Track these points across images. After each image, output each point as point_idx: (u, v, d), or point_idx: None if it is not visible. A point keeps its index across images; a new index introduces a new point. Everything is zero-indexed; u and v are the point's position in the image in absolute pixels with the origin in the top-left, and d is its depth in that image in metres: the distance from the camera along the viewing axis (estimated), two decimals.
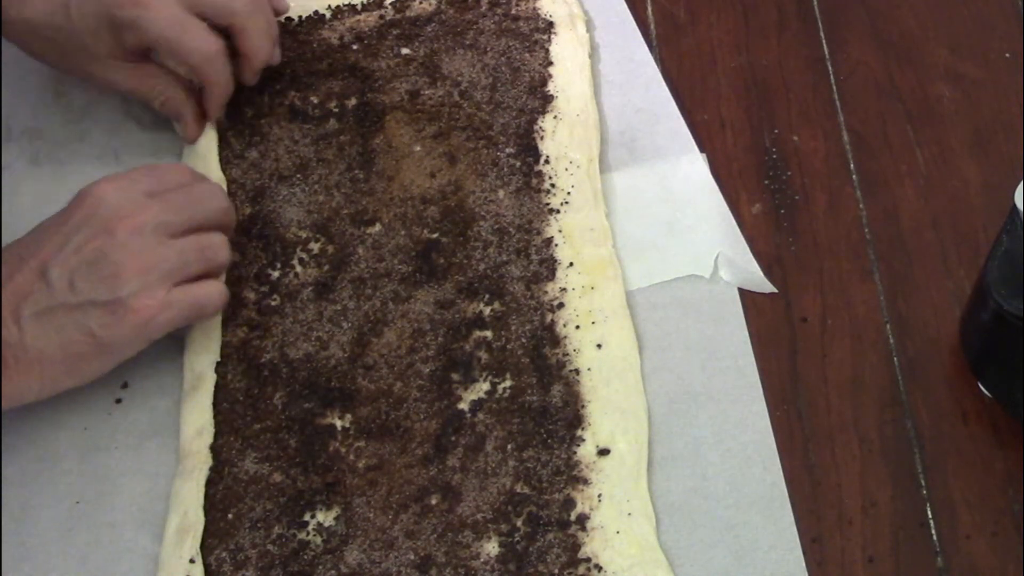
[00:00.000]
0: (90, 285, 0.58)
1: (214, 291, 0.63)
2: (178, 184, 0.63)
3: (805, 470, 0.62)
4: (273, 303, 0.68)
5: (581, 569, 0.58)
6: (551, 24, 0.78)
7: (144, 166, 0.64)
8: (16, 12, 0.67)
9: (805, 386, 0.65)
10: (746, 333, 0.66)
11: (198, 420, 0.64)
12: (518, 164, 0.72)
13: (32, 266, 0.59)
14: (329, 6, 0.79)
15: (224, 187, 0.70)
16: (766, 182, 0.72)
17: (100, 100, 0.77)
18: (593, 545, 0.59)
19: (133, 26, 0.67)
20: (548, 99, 0.74)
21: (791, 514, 0.60)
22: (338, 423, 0.64)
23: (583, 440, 0.62)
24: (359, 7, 0.79)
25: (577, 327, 0.66)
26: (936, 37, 0.78)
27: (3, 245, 0.61)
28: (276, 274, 0.69)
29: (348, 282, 0.68)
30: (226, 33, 0.70)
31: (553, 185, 0.71)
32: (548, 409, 0.63)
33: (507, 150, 0.72)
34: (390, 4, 0.79)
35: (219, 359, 0.65)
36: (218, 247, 0.63)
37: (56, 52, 0.70)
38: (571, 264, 0.68)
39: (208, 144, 0.73)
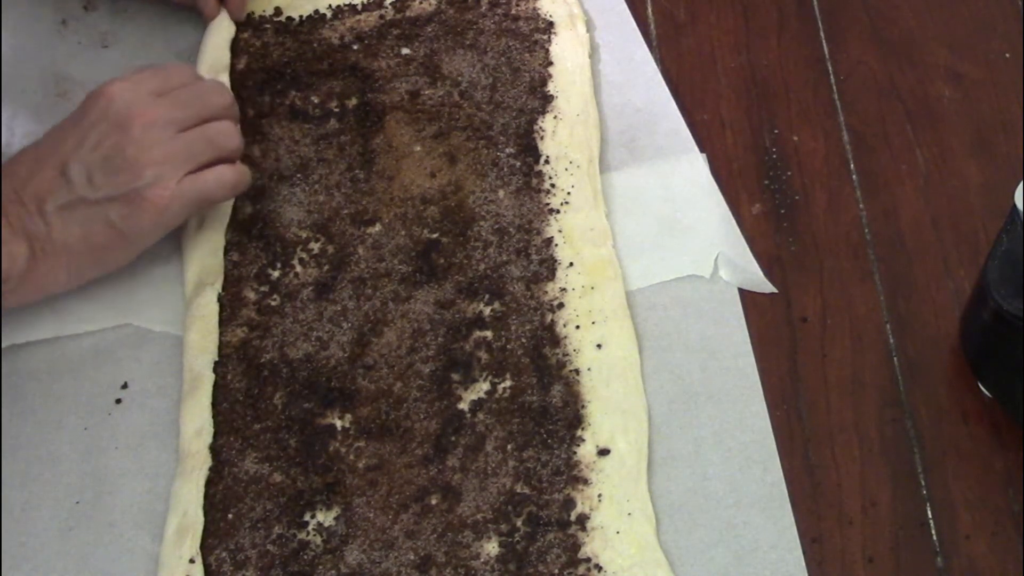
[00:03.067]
0: (108, 179, 0.62)
1: (225, 175, 0.66)
2: (181, 83, 0.67)
3: (805, 470, 0.62)
4: (273, 303, 0.68)
5: (581, 569, 0.58)
6: (551, 24, 0.78)
7: (149, 66, 0.68)
8: None
9: (805, 386, 0.65)
10: (746, 333, 0.66)
11: (197, 420, 0.64)
12: (518, 164, 0.72)
13: (52, 164, 0.63)
14: (330, 6, 0.79)
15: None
16: (766, 182, 0.72)
17: None
18: (593, 545, 0.59)
19: None
20: (548, 99, 0.74)
21: (791, 514, 0.60)
22: (338, 423, 0.64)
23: (583, 440, 0.62)
24: (359, 7, 0.79)
25: (577, 327, 0.66)
26: (936, 37, 0.78)
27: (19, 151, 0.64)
28: (276, 274, 0.69)
29: (348, 282, 0.68)
30: None
31: (553, 185, 0.71)
32: (548, 409, 0.63)
33: (507, 150, 0.72)
34: (390, 4, 0.79)
35: (217, 359, 0.65)
36: (227, 133, 0.67)
37: None
38: (571, 264, 0.68)
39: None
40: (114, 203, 0.63)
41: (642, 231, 0.70)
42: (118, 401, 0.65)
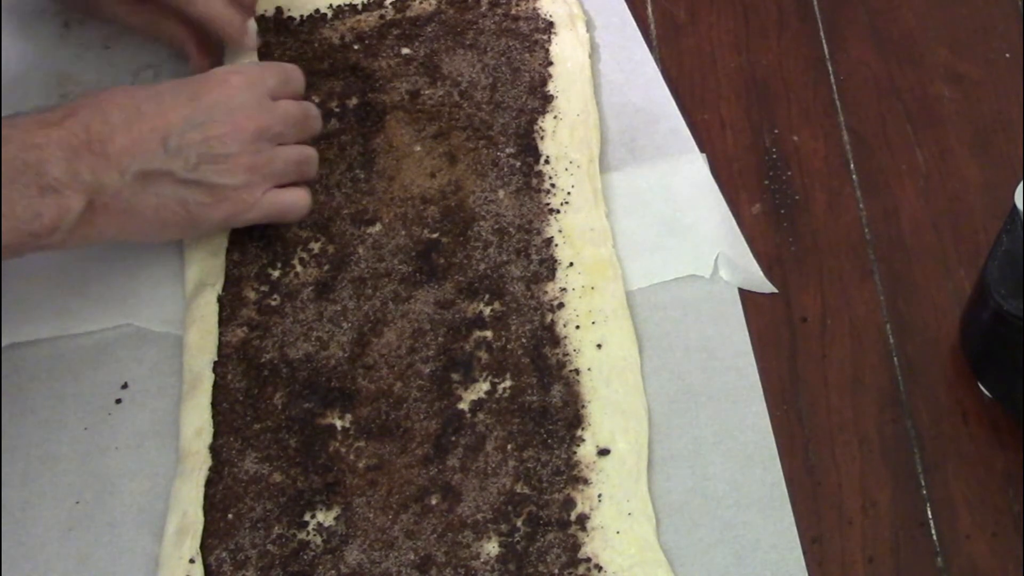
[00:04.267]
0: (204, 167, 0.62)
1: (301, 200, 0.68)
2: (295, 91, 0.68)
3: (805, 470, 0.62)
4: (273, 303, 0.68)
5: (581, 569, 0.58)
6: (551, 24, 0.78)
7: (269, 64, 0.69)
8: None
9: (805, 386, 0.65)
10: (746, 333, 0.66)
11: (197, 420, 0.64)
12: (518, 164, 0.72)
13: (155, 126, 0.62)
14: (330, 5, 0.79)
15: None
16: (766, 182, 0.72)
17: None
18: (593, 545, 0.59)
19: None
20: (548, 99, 0.74)
21: (791, 514, 0.60)
22: (338, 423, 0.64)
23: (583, 440, 0.62)
24: (360, 7, 0.79)
25: (577, 327, 0.66)
26: (936, 37, 0.78)
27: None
28: (276, 274, 0.69)
29: (348, 282, 0.68)
30: None
31: (553, 185, 0.71)
32: (548, 409, 0.63)
33: (507, 150, 0.72)
34: (390, 4, 0.79)
35: (217, 359, 0.65)
36: (312, 162, 0.69)
37: None
38: (571, 264, 0.68)
39: None
40: (199, 188, 0.63)
41: (642, 231, 0.70)
42: (118, 401, 0.65)
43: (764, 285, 0.68)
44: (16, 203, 0.58)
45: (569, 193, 0.70)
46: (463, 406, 0.64)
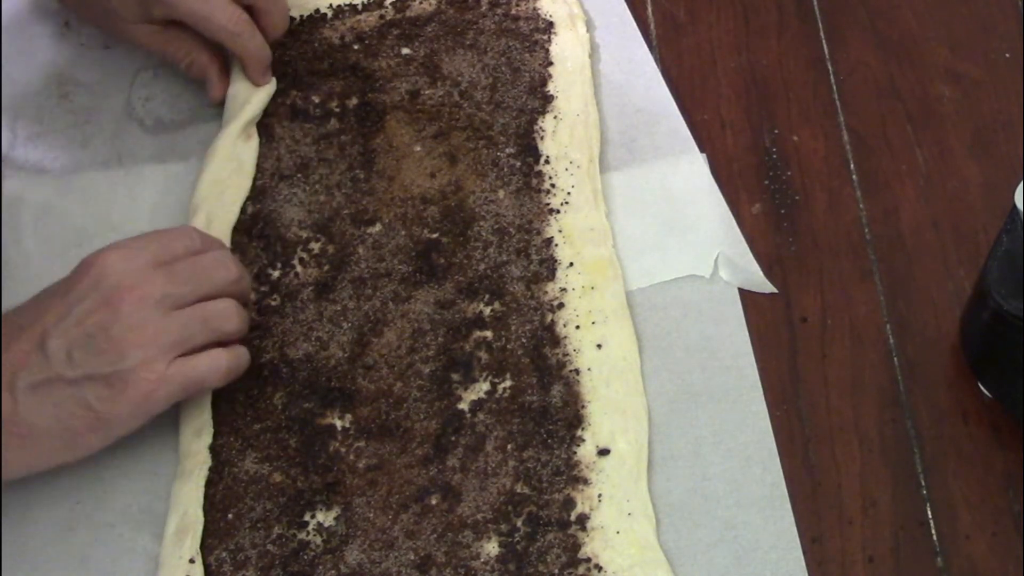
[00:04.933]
0: (89, 358, 0.57)
1: (219, 361, 0.60)
2: (186, 251, 0.61)
3: (805, 470, 0.62)
4: (273, 303, 0.68)
5: (581, 569, 0.58)
6: (551, 24, 0.78)
7: (151, 232, 0.62)
8: None
9: (805, 386, 0.65)
10: (746, 333, 0.66)
11: (198, 420, 0.64)
12: (518, 164, 0.72)
13: (30, 336, 0.57)
14: (330, 5, 0.79)
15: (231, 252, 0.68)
16: (766, 182, 0.72)
17: (104, 103, 0.77)
18: (593, 545, 0.59)
19: (162, 1, 0.70)
20: (548, 99, 0.74)
21: (791, 514, 0.60)
22: (338, 423, 0.64)
23: (583, 440, 0.62)
24: (360, 7, 0.79)
25: (577, 327, 0.66)
26: (936, 37, 0.78)
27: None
28: (276, 274, 0.69)
29: (348, 282, 0.68)
30: (246, 6, 0.72)
31: (553, 185, 0.71)
32: (548, 409, 0.63)
33: (507, 150, 0.72)
34: (390, 4, 0.79)
35: None
36: (226, 315, 0.61)
37: (86, 11, 0.75)
38: (571, 264, 0.68)
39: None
40: (94, 384, 0.57)
41: (642, 231, 0.70)
42: None
43: (764, 285, 0.68)
44: None
45: (569, 193, 0.70)
46: (463, 406, 0.64)
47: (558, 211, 0.70)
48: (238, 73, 0.74)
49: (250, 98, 0.73)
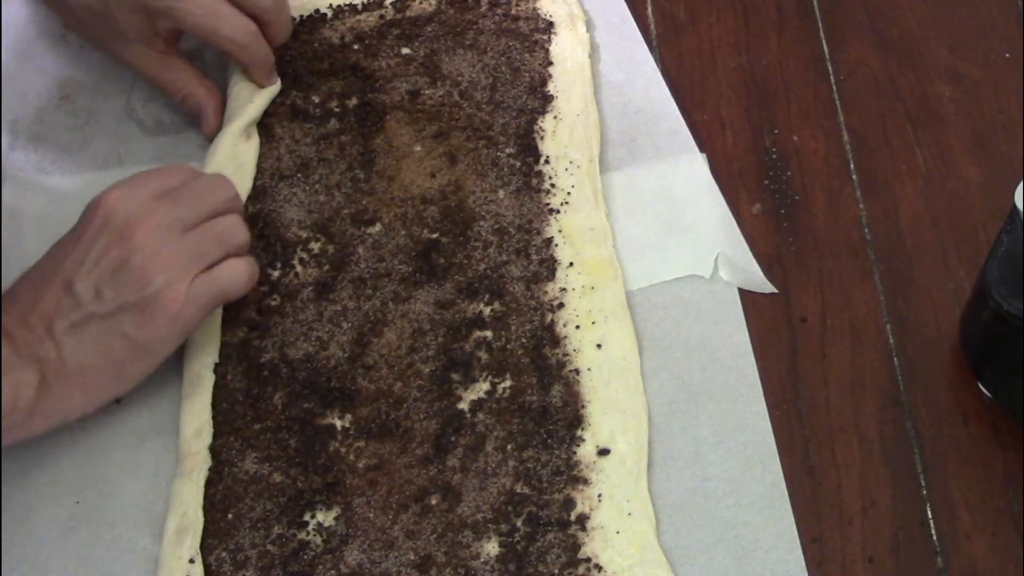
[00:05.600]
0: (117, 291, 0.59)
1: (237, 270, 0.63)
2: (181, 182, 0.64)
3: (805, 470, 0.62)
4: (273, 303, 0.68)
5: (581, 569, 0.58)
6: (551, 24, 0.78)
7: (149, 170, 0.65)
8: None
9: (805, 386, 0.65)
10: (746, 333, 0.66)
11: (197, 420, 0.64)
12: (518, 164, 0.72)
13: (57, 284, 0.60)
14: (330, 5, 0.79)
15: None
16: (766, 182, 0.72)
17: (104, 104, 0.77)
18: (593, 545, 0.59)
19: (168, 14, 0.69)
20: (548, 99, 0.74)
21: (791, 514, 0.60)
22: (338, 423, 0.64)
23: (583, 440, 0.62)
24: (360, 7, 0.79)
25: (577, 327, 0.66)
26: (936, 37, 0.78)
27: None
28: (276, 274, 0.69)
29: (348, 282, 0.68)
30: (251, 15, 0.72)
31: (553, 185, 0.71)
32: (548, 409, 0.63)
33: (507, 150, 0.72)
34: (390, 4, 0.79)
35: (218, 360, 0.65)
36: (233, 228, 0.64)
37: (89, 31, 0.74)
38: (571, 264, 0.68)
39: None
40: (127, 314, 0.60)
41: (642, 231, 0.70)
42: (118, 401, 0.65)
43: (764, 285, 0.68)
44: None
45: (569, 193, 0.70)
46: (463, 406, 0.64)
47: (558, 211, 0.70)
48: (239, 73, 0.74)
49: (252, 98, 0.73)
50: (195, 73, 0.74)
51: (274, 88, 0.75)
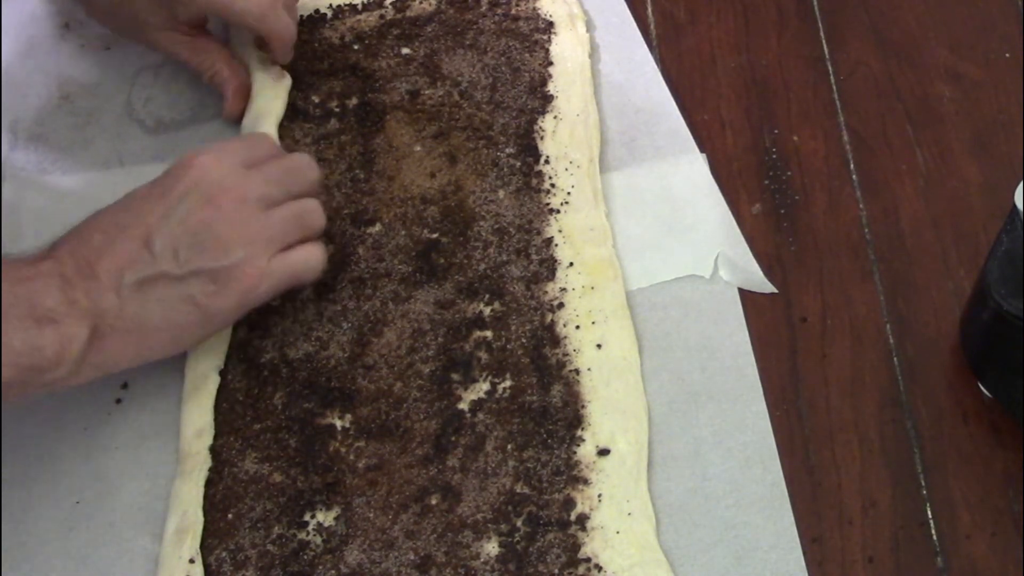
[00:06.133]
0: (195, 255, 0.59)
1: (312, 256, 0.63)
2: (269, 155, 0.65)
3: (805, 470, 0.62)
4: (273, 303, 0.67)
5: (581, 569, 0.58)
6: (551, 24, 0.78)
7: (236, 138, 0.66)
8: None
9: (805, 386, 0.65)
10: (746, 333, 0.66)
11: (198, 421, 0.64)
12: (518, 164, 0.72)
13: (135, 235, 0.59)
14: (330, 5, 0.79)
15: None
16: (766, 182, 0.72)
17: (104, 104, 0.77)
18: (593, 545, 0.59)
19: (183, 0, 0.70)
20: (548, 99, 0.74)
21: (791, 514, 0.60)
22: (338, 423, 0.64)
23: (583, 440, 0.62)
24: (360, 7, 0.79)
25: (577, 327, 0.66)
26: (936, 37, 0.78)
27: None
28: None
29: (348, 282, 0.68)
30: None
31: (553, 185, 0.71)
32: (548, 409, 0.63)
33: (507, 150, 0.72)
34: (390, 4, 0.79)
35: (222, 364, 0.65)
36: (314, 213, 0.64)
37: (113, 20, 0.74)
38: (571, 264, 0.68)
39: (273, 103, 0.74)
40: (199, 279, 0.59)
41: (642, 231, 0.70)
42: (118, 401, 0.65)
43: (764, 285, 0.68)
44: (12, 337, 0.55)
45: (569, 193, 0.70)
46: (463, 406, 0.64)
47: (558, 211, 0.70)
48: (257, 90, 0.74)
49: (272, 98, 0.74)
50: (223, 54, 0.74)
51: (287, 82, 0.75)
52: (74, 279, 0.57)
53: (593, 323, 0.66)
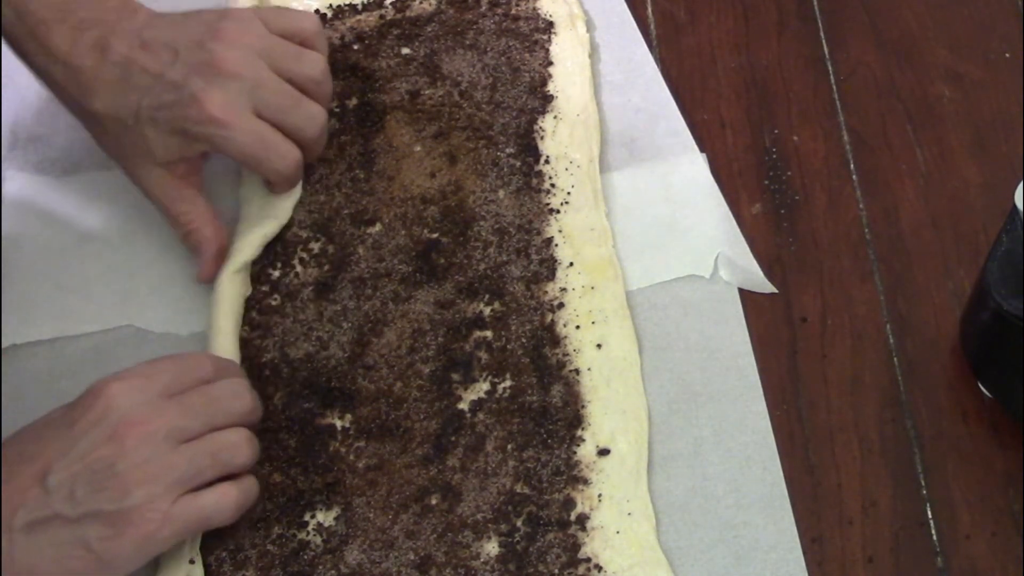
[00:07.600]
0: (91, 495, 0.54)
1: (227, 498, 0.57)
2: (198, 380, 0.59)
3: (805, 470, 0.62)
4: (273, 303, 0.68)
5: (581, 569, 0.58)
6: (551, 24, 0.78)
7: (165, 358, 0.60)
8: (86, 103, 0.65)
9: (805, 386, 0.65)
10: (746, 333, 0.66)
11: None
12: (518, 164, 0.72)
13: (32, 471, 0.54)
14: (330, 5, 0.79)
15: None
16: (766, 182, 0.72)
17: None
18: (593, 545, 0.59)
19: (208, 140, 0.65)
20: (548, 99, 0.74)
21: (791, 514, 0.60)
22: (338, 423, 0.64)
23: (583, 440, 0.62)
24: (359, 7, 0.79)
25: (577, 327, 0.66)
26: (936, 37, 0.78)
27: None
28: (276, 274, 0.69)
29: (348, 282, 0.68)
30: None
31: (553, 185, 0.71)
32: (548, 409, 0.63)
33: (507, 150, 0.72)
34: (390, 4, 0.79)
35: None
36: (236, 447, 0.58)
37: (112, 144, 0.67)
38: (571, 264, 0.68)
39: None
40: (95, 522, 0.53)
41: (642, 231, 0.70)
42: None
43: (764, 285, 0.68)
44: None
45: (569, 193, 0.70)
46: (463, 406, 0.64)
47: (558, 211, 0.70)
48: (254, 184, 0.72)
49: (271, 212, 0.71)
50: (207, 210, 0.68)
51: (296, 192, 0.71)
52: None
53: (593, 323, 0.66)
